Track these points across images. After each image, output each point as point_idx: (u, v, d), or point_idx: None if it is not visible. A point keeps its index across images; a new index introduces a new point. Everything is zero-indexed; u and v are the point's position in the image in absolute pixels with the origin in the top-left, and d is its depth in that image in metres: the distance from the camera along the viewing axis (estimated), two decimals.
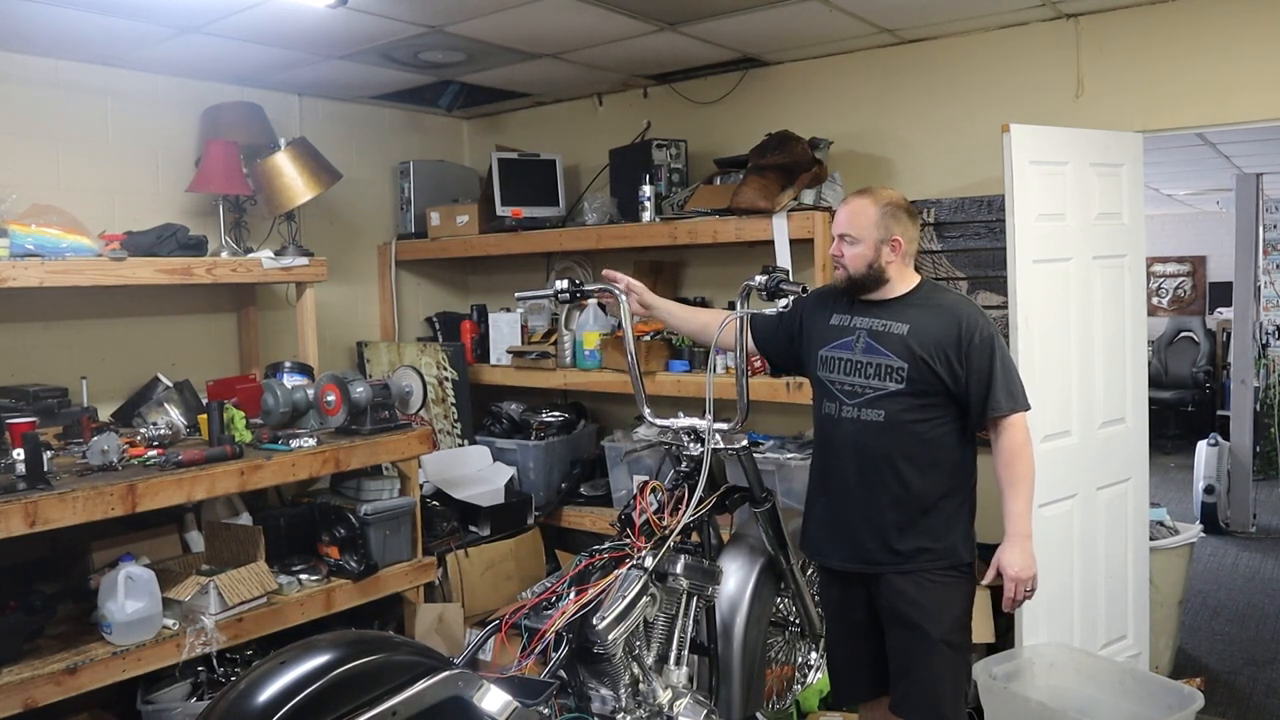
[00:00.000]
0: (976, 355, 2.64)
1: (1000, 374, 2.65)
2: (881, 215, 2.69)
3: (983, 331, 2.65)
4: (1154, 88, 3.76)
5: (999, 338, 2.69)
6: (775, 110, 4.56)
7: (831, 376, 2.82)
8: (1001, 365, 2.66)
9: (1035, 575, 2.68)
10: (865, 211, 2.71)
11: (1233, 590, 5.53)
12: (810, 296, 2.95)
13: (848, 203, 2.78)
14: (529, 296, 3.58)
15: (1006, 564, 2.67)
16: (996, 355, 2.65)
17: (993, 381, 2.64)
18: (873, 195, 2.75)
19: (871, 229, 2.70)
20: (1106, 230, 3.77)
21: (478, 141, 5.71)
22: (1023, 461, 2.69)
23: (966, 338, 2.64)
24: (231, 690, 1.97)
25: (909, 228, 2.74)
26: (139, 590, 3.14)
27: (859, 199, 2.76)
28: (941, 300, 2.75)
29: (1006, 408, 2.65)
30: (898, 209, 2.72)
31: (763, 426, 4.57)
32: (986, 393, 2.65)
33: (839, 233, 2.77)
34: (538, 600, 2.74)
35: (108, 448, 3.19)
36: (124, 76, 4.21)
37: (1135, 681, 3.38)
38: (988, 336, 2.65)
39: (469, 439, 4.91)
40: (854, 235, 2.72)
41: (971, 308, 2.74)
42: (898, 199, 2.76)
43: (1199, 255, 11.00)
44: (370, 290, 5.31)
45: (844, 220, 2.75)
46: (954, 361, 2.65)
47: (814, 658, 3.60)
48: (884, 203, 2.71)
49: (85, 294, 3.88)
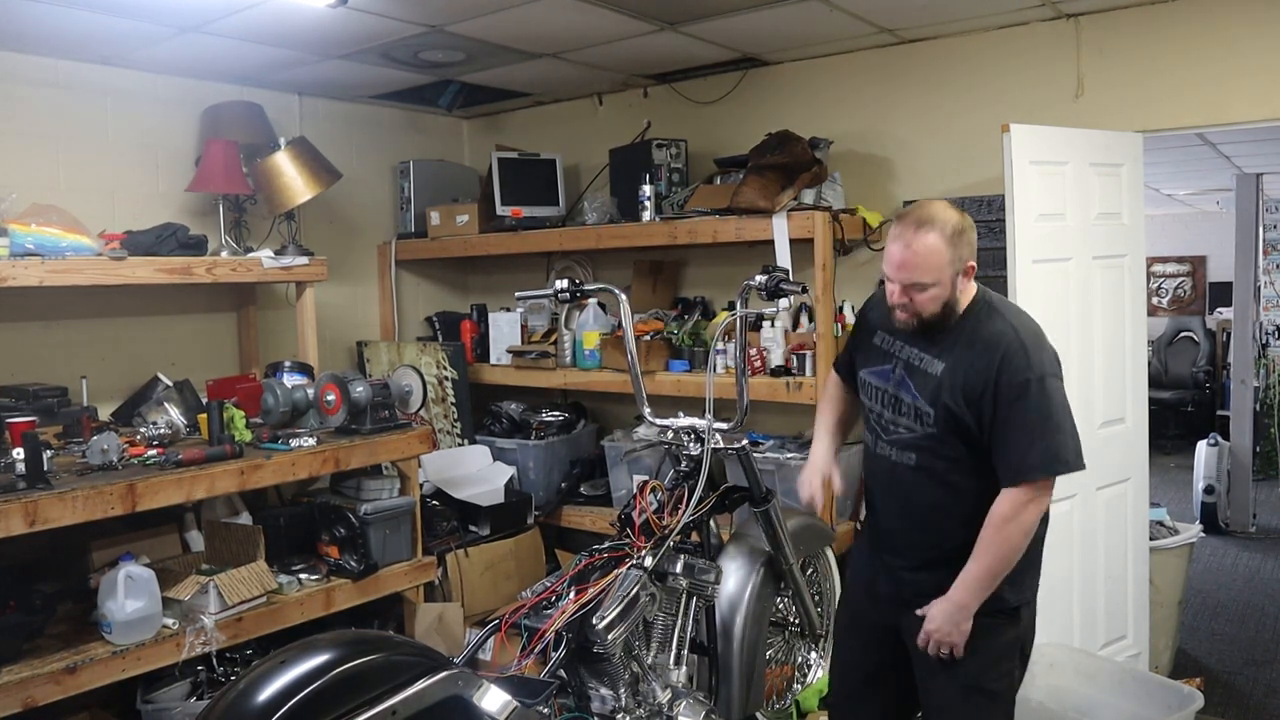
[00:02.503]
0: (1004, 403, 2.29)
1: (1037, 428, 2.26)
2: (953, 249, 2.30)
3: (1019, 376, 2.26)
4: (1154, 88, 3.76)
5: (1047, 381, 2.29)
6: (775, 110, 4.56)
7: (869, 404, 2.60)
8: (1040, 418, 2.26)
9: (957, 645, 2.41)
10: (936, 253, 2.29)
11: (1232, 590, 5.53)
12: (875, 301, 2.64)
13: (910, 246, 2.31)
14: (529, 296, 3.57)
15: (930, 616, 2.43)
16: (1030, 404, 2.26)
17: (1023, 437, 2.28)
18: (937, 228, 2.30)
19: (946, 268, 2.31)
20: (1106, 230, 3.77)
21: (478, 141, 5.71)
22: (1014, 536, 2.33)
23: (997, 382, 2.29)
24: (231, 690, 1.97)
25: (974, 239, 2.37)
26: (139, 590, 3.14)
27: (923, 236, 2.30)
28: (989, 331, 2.35)
29: (1034, 471, 2.29)
30: (963, 228, 2.33)
31: (762, 426, 4.57)
32: (1005, 449, 2.31)
33: (906, 282, 2.33)
34: (537, 600, 2.74)
35: (107, 447, 3.19)
36: (124, 76, 4.21)
37: (1135, 681, 3.39)
38: (1022, 383, 2.26)
39: (469, 439, 4.91)
40: (926, 282, 2.32)
41: (1017, 344, 2.31)
42: (958, 217, 2.35)
43: (1199, 255, 11.00)
44: (370, 290, 5.31)
45: (913, 266, 2.31)
46: (984, 408, 2.32)
47: (813, 657, 3.61)
48: (951, 232, 2.30)
49: (85, 293, 3.88)
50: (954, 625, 2.41)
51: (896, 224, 2.39)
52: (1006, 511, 2.33)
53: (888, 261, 2.39)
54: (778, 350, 4.15)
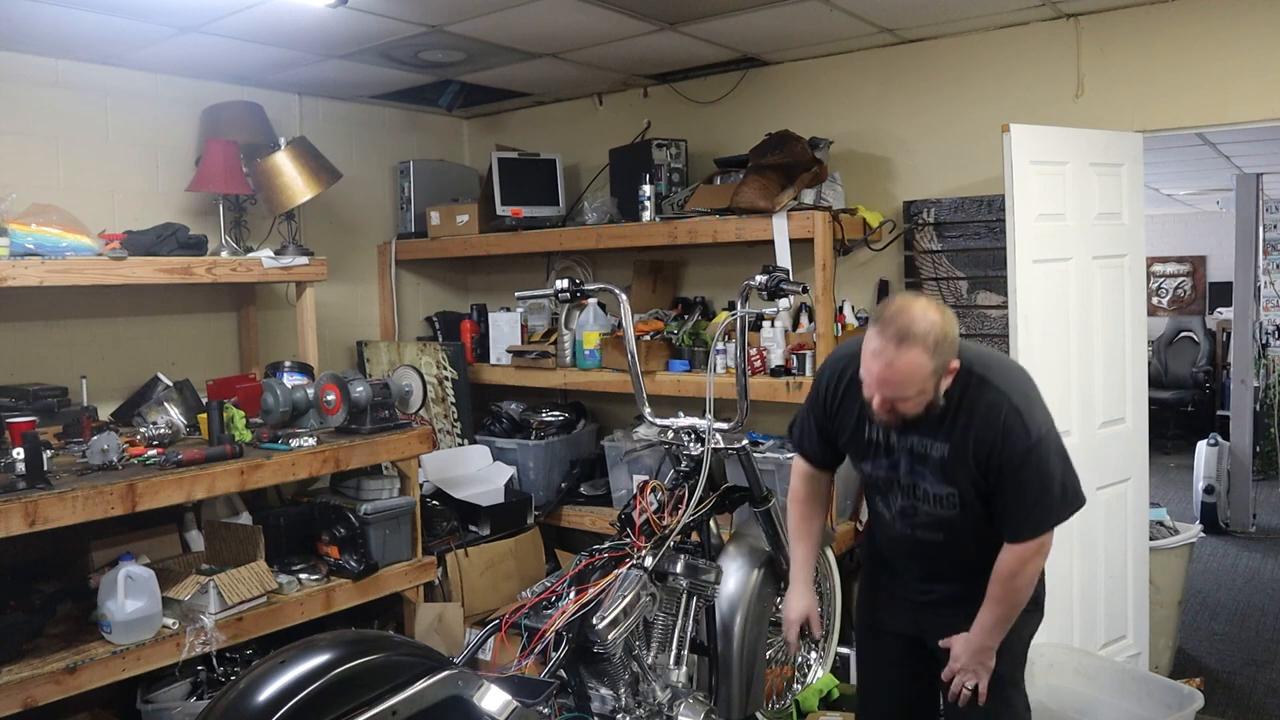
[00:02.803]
0: (1009, 472, 2.28)
1: (1038, 489, 2.28)
2: (937, 359, 2.21)
3: (1019, 445, 2.25)
4: (1154, 88, 3.76)
5: (1044, 442, 2.26)
6: (775, 110, 4.56)
7: (879, 491, 2.56)
8: (1040, 479, 2.27)
9: (982, 681, 2.45)
10: (920, 369, 2.19)
11: (1232, 590, 5.53)
12: (828, 378, 2.54)
13: (892, 365, 2.19)
14: (529, 296, 3.57)
15: (955, 655, 2.48)
16: (1030, 470, 2.26)
17: (1023, 502, 2.29)
18: (919, 343, 2.18)
19: (930, 378, 2.22)
20: (1106, 230, 3.77)
21: (478, 141, 5.71)
22: (1023, 584, 2.37)
23: (1001, 454, 2.27)
24: (231, 690, 1.97)
25: (955, 333, 2.26)
26: (139, 589, 3.14)
27: (905, 354, 2.18)
28: (984, 404, 2.29)
29: (1036, 529, 2.32)
30: (945, 332, 2.22)
31: (763, 426, 4.57)
32: (1008, 510, 2.33)
33: (891, 397, 2.25)
34: (537, 600, 2.74)
35: (107, 447, 3.19)
36: (124, 76, 4.21)
37: (1135, 681, 3.39)
38: (1024, 451, 2.25)
39: (469, 438, 4.91)
40: (910, 395, 2.24)
41: (1013, 413, 2.26)
42: (938, 320, 2.21)
43: (1199, 255, 11.00)
44: (370, 290, 5.31)
45: (896, 384, 2.22)
46: (989, 475, 2.31)
47: (813, 657, 3.61)
48: (933, 343, 2.19)
49: (85, 293, 3.89)
50: (979, 663, 2.47)
51: (876, 333, 2.23)
52: (1013, 565, 2.36)
53: (867, 375, 2.27)
54: (778, 350, 4.15)
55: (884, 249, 4.33)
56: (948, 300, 4.21)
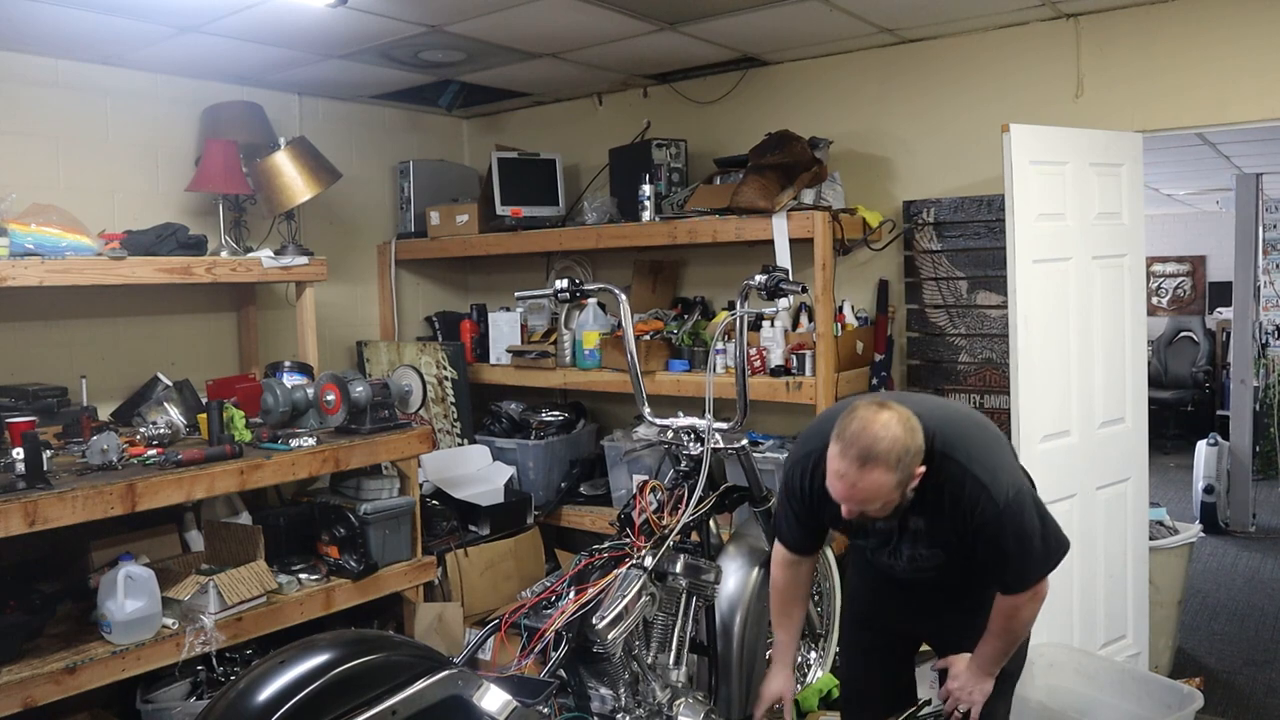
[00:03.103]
0: (986, 538, 2.31)
1: (1019, 548, 2.30)
2: (900, 473, 2.21)
3: (990, 513, 2.27)
4: (1154, 88, 3.76)
5: (1013, 501, 2.28)
6: (775, 110, 4.56)
7: (872, 555, 2.60)
8: (1018, 538, 2.29)
9: (977, 705, 2.51)
10: (883, 486, 2.21)
11: (1232, 590, 5.53)
12: (800, 479, 2.52)
13: (855, 485, 2.21)
14: (529, 296, 3.57)
15: (954, 674, 2.54)
16: (1007, 532, 2.28)
17: (1006, 562, 2.33)
18: (881, 463, 2.18)
19: (894, 490, 2.23)
20: (1106, 230, 3.77)
21: (477, 141, 5.71)
22: (1020, 624, 2.44)
23: (974, 524, 2.29)
24: (231, 690, 1.97)
25: (920, 438, 2.25)
26: (138, 589, 3.14)
27: (867, 475, 2.19)
28: (950, 481, 2.30)
29: (1026, 581, 2.36)
30: (907, 447, 2.20)
31: (762, 426, 4.57)
32: (994, 569, 2.37)
33: (857, 509, 2.28)
34: (537, 600, 2.74)
35: (107, 447, 3.19)
36: (124, 76, 4.21)
37: (1134, 681, 3.39)
38: (995, 516, 2.27)
39: (468, 438, 4.91)
40: (875, 507, 2.27)
41: (977, 485, 2.28)
42: (900, 435, 2.19)
43: (1198, 255, 11.00)
44: (370, 290, 5.31)
45: (860, 501, 2.24)
46: (968, 540, 2.35)
47: (813, 657, 3.61)
48: (895, 461, 2.19)
49: (85, 293, 3.89)
50: (977, 687, 2.52)
51: (838, 453, 2.23)
52: (1010, 611, 2.42)
53: (832, 489, 2.28)
54: (777, 350, 4.15)
55: (884, 249, 4.33)
56: (947, 300, 4.21)
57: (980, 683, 2.52)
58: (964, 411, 2.53)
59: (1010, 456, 2.44)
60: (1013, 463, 2.42)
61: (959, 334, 4.22)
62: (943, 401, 2.56)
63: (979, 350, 4.17)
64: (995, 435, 2.44)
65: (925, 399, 2.59)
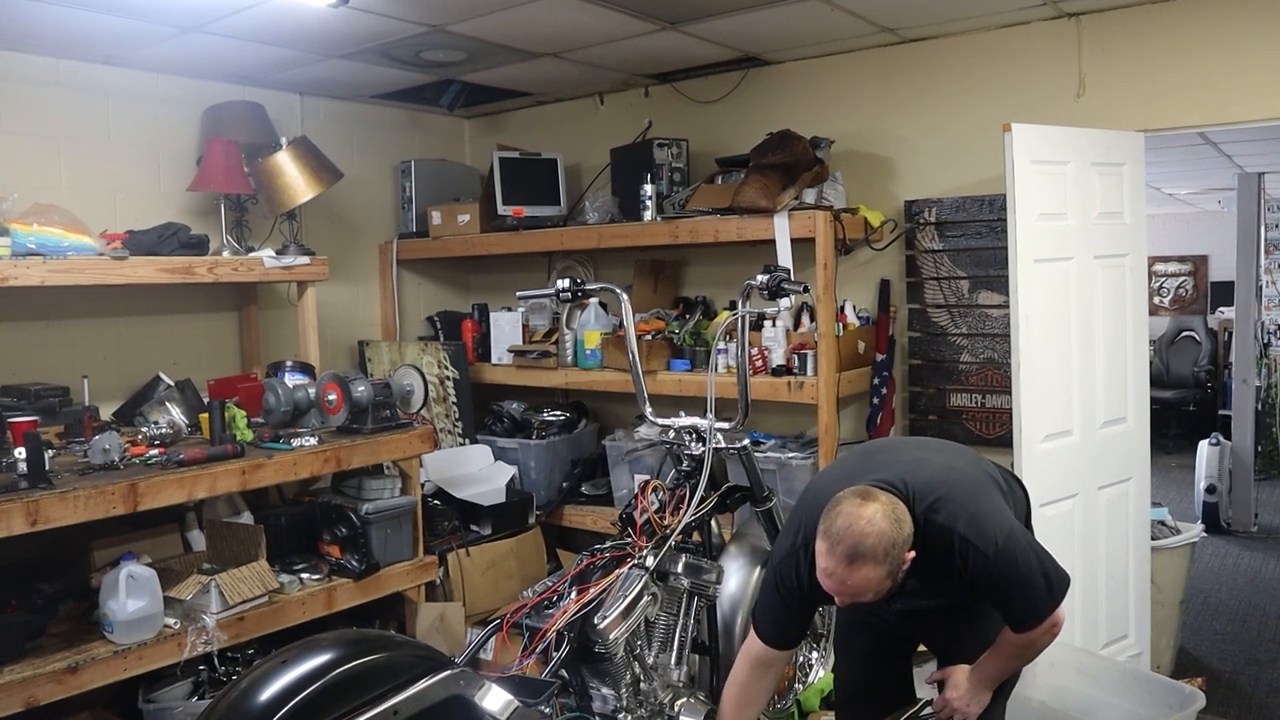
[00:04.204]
0: (983, 585, 2.31)
1: (1019, 589, 2.29)
2: (889, 565, 2.19)
3: (980, 562, 2.25)
4: (1155, 87, 3.76)
5: (1001, 546, 2.26)
6: (776, 109, 4.56)
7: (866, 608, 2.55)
8: (1016, 580, 2.28)
9: (972, 715, 2.51)
10: (873, 580, 2.20)
11: (1234, 590, 5.53)
12: (791, 582, 2.45)
13: (845, 582, 2.20)
14: (530, 295, 3.57)
15: (954, 684, 2.53)
16: (1002, 576, 2.27)
17: (1012, 603, 2.32)
18: (869, 561, 2.17)
19: (885, 580, 2.22)
20: (1108, 229, 3.77)
21: (479, 141, 5.71)
22: (1035, 653, 2.45)
23: (968, 576, 2.28)
24: (233, 689, 1.97)
25: (908, 526, 2.24)
26: (140, 589, 3.14)
27: (856, 573, 2.18)
28: (937, 541, 2.28)
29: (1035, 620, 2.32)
30: (894, 540, 2.19)
31: (764, 426, 4.57)
32: (1001, 610, 2.36)
33: (850, 600, 2.27)
34: (539, 599, 2.74)
35: (109, 446, 3.19)
36: (125, 75, 4.21)
37: (1136, 681, 3.38)
38: (987, 566, 2.25)
39: (470, 438, 4.91)
40: (869, 597, 2.26)
41: (963, 540, 2.26)
42: (887, 529, 2.18)
43: (1200, 254, 11.00)
44: (371, 289, 5.31)
45: (850, 594, 2.24)
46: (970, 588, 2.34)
47: (814, 657, 3.61)
48: (883, 554, 2.17)
49: (87, 293, 3.89)
50: (975, 699, 2.51)
51: (825, 550, 2.22)
52: (1025, 643, 2.39)
53: (822, 582, 2.26)
54: (779, 350, 4.15)
55: (885, 248, 4.33)
56: (949, 300, 4.21)
57: (979, 695, 2.51)
58: (941, 463, 2.43)
59: (995, 499, 2.38)
60: (998, 505, 2.37)
61: (961, 334, 4.21)
62: (917, 455, 2.47)
63: (981, 350, 4.17)
64: (976, 482, 2.40)
65: (901, 454, 2.53)
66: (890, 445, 3.06)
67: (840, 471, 2.48)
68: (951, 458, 2.51)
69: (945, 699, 2.54)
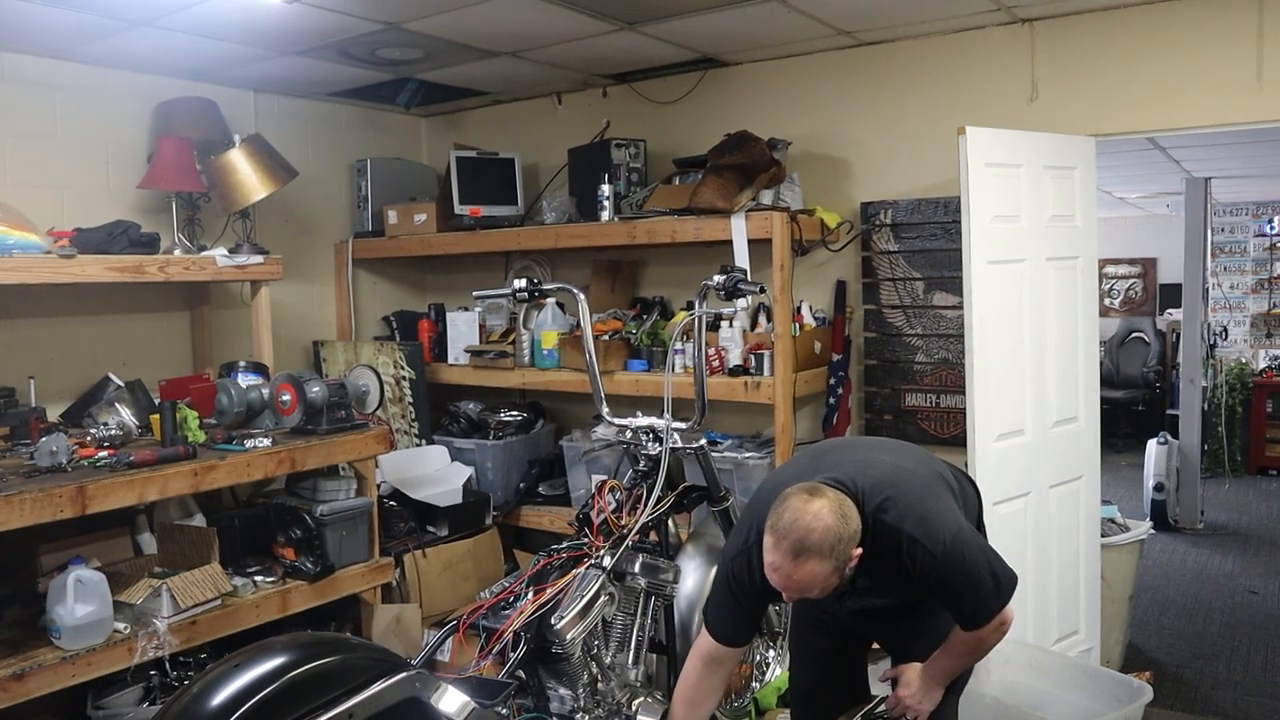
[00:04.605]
0: (933, 584, 2.32)
1: (967, 587, 2.30)
2: (835, 560, 2.21)
3: (928, 561, 2.26)
4: (1106, 92, 3.83)
5: (949, 544, 2.27)
6: (734, 110, 4.58)
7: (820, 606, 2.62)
8: (962, 578, 2.29)
9: (925, 715, 2.53)
10: (820, 575, 2.21)
11: (1181, 586, 5.63)
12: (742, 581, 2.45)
13: (791, 577, 2.22)
14: (487, 295, 3.56)
15: (906, 680, 2.55)
16: (950, 575, 2.28)
17: (960, 602, 2.34)
18: (814, 555, 2.18)
19: (832, 575, 2.23)
20: (1060, 232, 3.83)
21: (436, 140, 5.67)
22: (984, 650, 2.46)
23: (918, 575, 2.29)
24: (185, 694, 1.94)
25: (855, 522, 2.25)
26: (89, 594, 3.08)
27: (802, 567, 2.19)
28: (885, 540, 2.29)
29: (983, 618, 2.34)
30: (840, 535, 2.20)
31: (721, 426, 4.59)
32: (950, 608, 2.38)
33: (797, 595, 2.30)
34: (496, 600, 2.73)
35: (56, 448, 3.12)
36: (73, 70, 4.13)
37: (1087, 676, 3.44)
38: (935, 565, 2.26)
39: (426, 439, 4.88)
40: (816, 592, 2.28)
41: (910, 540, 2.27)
42: (833, 523, 2.19)
43: (1150, 257, 11.18)
44: (326, 289, 5.26)
45: (798, 589, 2.26)
46: (919, 587, 2.36)
47: (771, 655, 3.63)
48: (829, 549, 2.19)
49: (33, 292, 3.81)
50: (926, 696, 2.54)
51: (772, 545, 2.23)
52: (973, 641, 2.41)
53: (769, 577, 2.28)
54: (736, 350, 4.17)
55: (842, 250, 4.36)
56: (904, 300, 4.25)
57: (931, 693, 2.53)
58: (890, 462, 2.45)
59: (944, 499, 2.40)
60: (947, 505, 2.38)
61: (916, 334, 4.26)
62: (867, 456, 2.49)
63: (935, 350, 4.22)
64: (925, 482, 2.42)
65: (852, 453, 2.55)
66: (842, 445, 3.08)
67: (792, 470, 2.49)
68: (901, 457, 2.52)
69: (898, 696, 2.56)
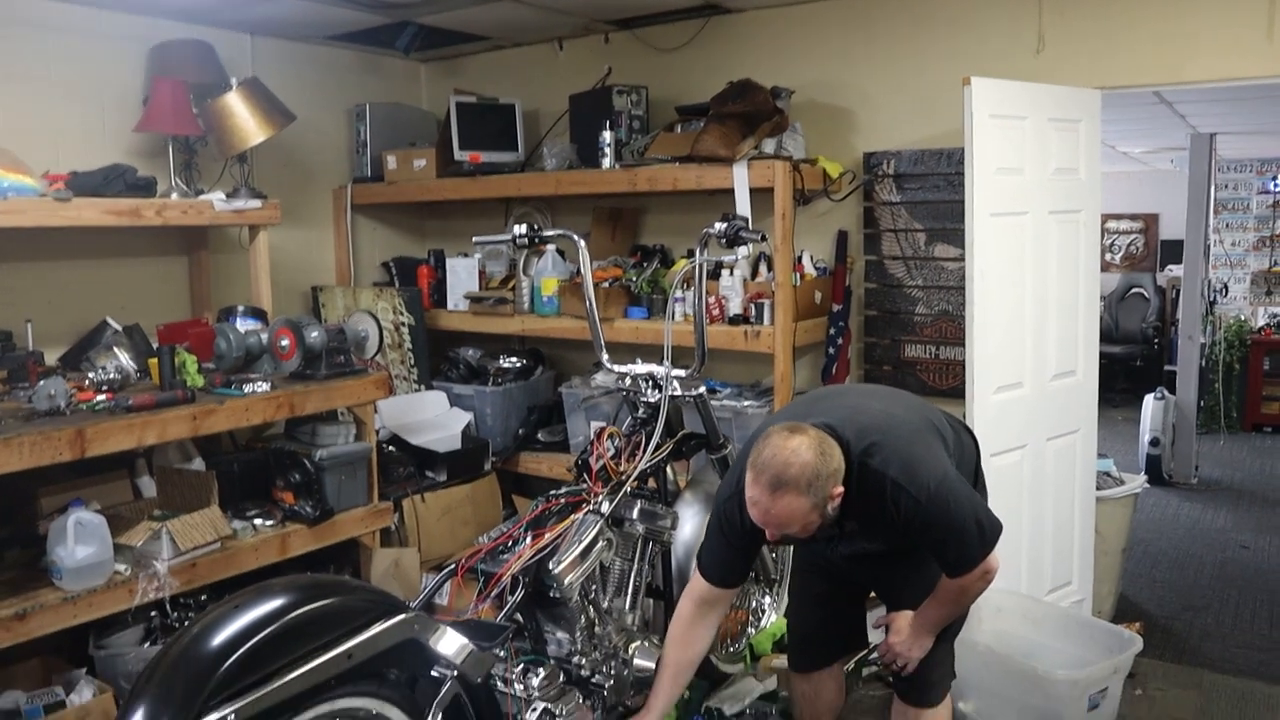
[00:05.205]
0: (916, 530, 2.32)
1: (952, 533, 2.30)
2: (814, 495, 2.22)
3: (913, 507, 2.27)
4: (1113, 45, 3.78)
5: (934, 490, 2.27)
6: (737, 58, 4.52)
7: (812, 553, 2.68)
8: (947, 524, 2.29)
9: (914, 661, 2.55)
10: (798, 510, 2.23)
11: (1173, 539, 5.68)
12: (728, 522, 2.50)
13: (769, 511, 2.24)
14: (487, 241, 3.55)
15: (896, 629, 2.56)
16: (935, 521, 2.29)
17: (945, 548, 2.34)
18: (791, 488, 2.20)
19: (812, 512, 2.25)
20: (1063, 185, 3.80)
21: (436, 85, 5.61)
22: (970, 598, 2.46)
23: (902, 521, 2.30)
24: (185, 635, 1.96)
25: (836, 460, 2.26)
26: (89, 536, 3.10)
27: (780, 501, 2.21)
28: (871, 485, 2.31)
29: (967, 565, 2.34)
30: (818, 470, 2.21)
31: (720, 374, 4.59)
32: (935, 555, 2.39)
33: (777, 532, 2.31)
34: (494, 545, 2.75)
35: (54, 392, 3.12)
36: (66, 10, 4.06)
37: (1078, 626, 3.48)
38: (920, 511, 2.27)
39: (426, 384, 4.88)
40: (795, 530, 2.29)
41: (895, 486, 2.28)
42: (812, 458, 2.21)
43: (1152, 213, 11.13)
44: (325, 234, 5.23)
45: (777, 525, 2.27)
46: (904, 534, 2.37)
47: (767, 602, 3.66)
48: (806, 484, 2.20)
49: (29, 235, 3.77)
50: (916, 643, 2.55)
51: (752, 479, 2.26)
52: (958, 589, 2.42)
53: (750, 512, 2.31)
54: (736, 299, 4.16)
55: (843, 200, 4.33)
56: (905, 252, 4.23)
57: (921, 640, 2.55)
58: (880, 409, 2.46)
59: (933, 446, 2.40)
60: (935, 453, 2.38)
61: (916, 286, 4.25)
62: (858, 402, 2.51)
63: (936, 302, 4.21)
64: (914, 429, 2.42)
65: (844, 399, 2.57)
66: (835, 392, 3.09)
67: (785, 416, 2.50)
68: (892, 405, 2.53)
69: (888, 644, 2.59)
